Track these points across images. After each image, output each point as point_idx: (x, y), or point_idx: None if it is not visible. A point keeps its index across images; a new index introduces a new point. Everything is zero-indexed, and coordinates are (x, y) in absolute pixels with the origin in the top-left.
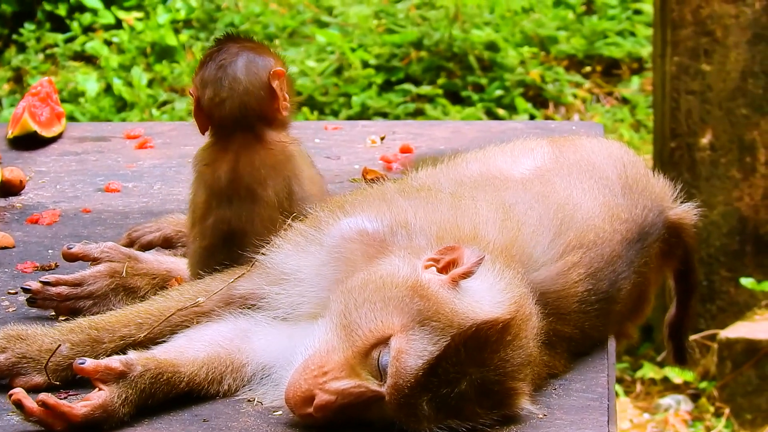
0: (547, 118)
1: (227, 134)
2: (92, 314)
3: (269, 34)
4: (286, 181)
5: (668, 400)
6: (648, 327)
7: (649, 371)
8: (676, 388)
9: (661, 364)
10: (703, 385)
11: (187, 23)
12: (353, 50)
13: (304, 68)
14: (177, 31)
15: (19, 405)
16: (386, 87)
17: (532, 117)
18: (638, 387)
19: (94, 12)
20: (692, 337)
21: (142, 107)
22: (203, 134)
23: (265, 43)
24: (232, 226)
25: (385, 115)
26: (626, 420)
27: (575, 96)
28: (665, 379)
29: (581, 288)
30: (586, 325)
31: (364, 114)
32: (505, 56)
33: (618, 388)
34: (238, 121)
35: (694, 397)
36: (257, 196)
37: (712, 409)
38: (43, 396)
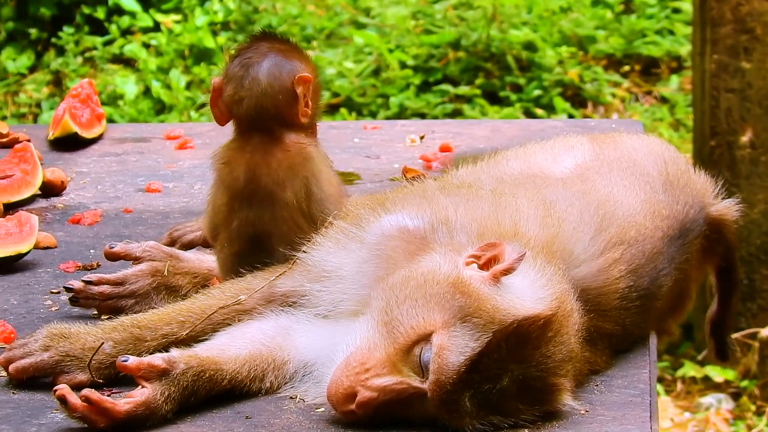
0: (585, 117)
1: (246, 133)
2: (134, 313)
3: (307, 35)
4: (304, 182)
5: (709, 399)
6: (688, 326)
7: (689, 370)
8: (717, 387)
9: (702, 363)
10: (744, 383)
11: (225, 25)
12: (391, 51)
13: (341, 69)
14: (215, 34)
15: (63, 401)
16: (424, 88)
17: (570, 117)
18: (679, 386)
19: (133, 15)
20: (733, 336)
21: (181, 109)
22: (222, 126)
23: (298, 46)
24: (257, 228)
25: (423, 116)
26: (667, 419)
27: (614, 95)
28: (706, 378)
29: (622, 284)
30: (627, 321)
31: (402, 115)
32: (544, 56)
33: (659, 387)
34: (253, 121)
35: (735, 396)
36: (276, 197)
37: (753, 407)
38: (86, 392)
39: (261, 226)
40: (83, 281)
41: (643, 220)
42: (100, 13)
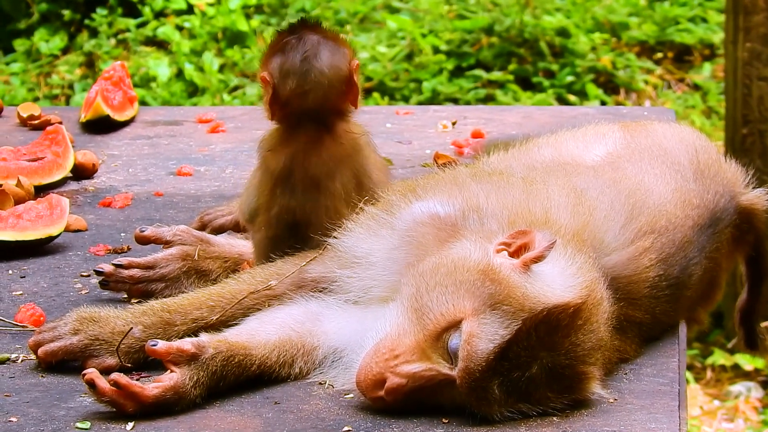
0: (618, 104)
1: (297, 122)
2: (164, 297)
3: (340, 19)
4: (354, 173)
5: (739, 387)
6: (718, 314)
7: (719, 358)
8: (747, 375)
9: (732, 351)
10: None
11: (259, 8)
12: (424, 36)
13: (374, 54)
14: (248, 17)
15: (91, 384)
16: (457, 73)
17: (603, 103)
18: (708, 374)
19: None
20: (763, 324)
21: (214, 92)
22: (272, 121)
23: (337, 33)
24: (297, 216)
25: (455, 101)
26: (696, 407)
27: (646, 82)
28: (736, 366)
29: (652, 273)
30: (657, 310)
31: (434, 100)
32: (577, 42)
33: (688, 374)
34: (317, 113)
35: (765, 384)
36: (323, 187)
37: None
38: (115, 375)
39: (302, 214)
40: (113, 264)
41: (674, 209)
42: None
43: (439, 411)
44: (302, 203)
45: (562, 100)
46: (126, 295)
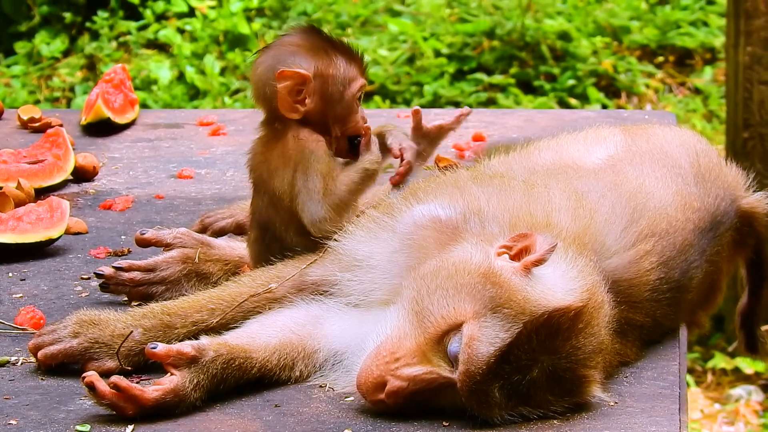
0: (619, 108)
1: (264, 125)
2: (164, 300)
3: (341, 22)
4: (292, 174)
5: (739, 391)
6: (719, 317)
7: (720, 361)
8: (747, 379)
9: (732, 355)
10: None
11: (260, 11)
12: (425, 39)
13: (376, 57)
14: (250, 20)
15: (91, 387)
16: (458, 76)
17: (604, 107)
18: (709, 377)
19: (168, 0)
20: (764, 328)
21: (215, 95)
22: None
23: (327, 43)
24: (262, 215)
25: (457, 105)
26: (697, 410)
27: (647, 86)
28: (736, 370)
29: (653, 276)
30: (658, 313)
31: (436, 103)
32: (578, 46)
33: (689, 378)
34: (267, 116)
35: (766, 388)
36: (268, 186)
37: None
38: (115, 378)
39: (264, 212)
40: (114, 267)
41: (675, 212)
42: None
43: (439, 414)
44: (263, 202)
45: (563, 104)
46: (126, 298)
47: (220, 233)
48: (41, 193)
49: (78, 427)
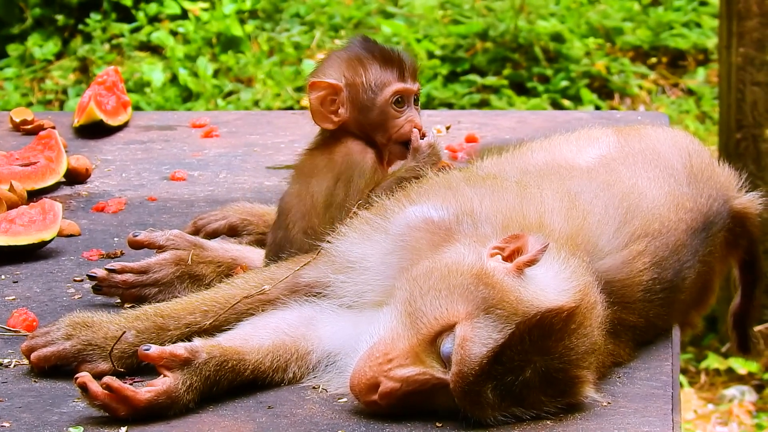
0: (612, 109)
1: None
2: (157, 302)
3: (334, 24)
4: (334, 181)
5: (732, 391)
6: (712, 318)
7: (713, 362)
8: (741, 379)
9: (726, 355)
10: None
11: (253, 13)
12: (418, 41)
13: None
14: (242, 22)
15: (84, 388)
16: (451, 78)
17: (597, 108)
18: (702, 378)
19: (160, 2)
20: (756, 328)
21: (208, 97)
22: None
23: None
24: (283, 200)
25: (450, 106)
26: (690, 410)
27: (641, 87)
28: (729, 370)
29: (646, 277)
30: (651, 313)
31: (429, 105)
32: (571, 47)
33: (682, 378)
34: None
35: (759, 388)
36: (307, 181)
37: None
38: (107, 379)
39: (287, 198)
40: (106, 269)
41: (667, 212)
42: (128, 1)
43: (432, 415)
44: (292, 190)
45: (556, 105)
46: (119, 300)
47: (212, 235)
48: (34, 196)
49: (71, 429)
